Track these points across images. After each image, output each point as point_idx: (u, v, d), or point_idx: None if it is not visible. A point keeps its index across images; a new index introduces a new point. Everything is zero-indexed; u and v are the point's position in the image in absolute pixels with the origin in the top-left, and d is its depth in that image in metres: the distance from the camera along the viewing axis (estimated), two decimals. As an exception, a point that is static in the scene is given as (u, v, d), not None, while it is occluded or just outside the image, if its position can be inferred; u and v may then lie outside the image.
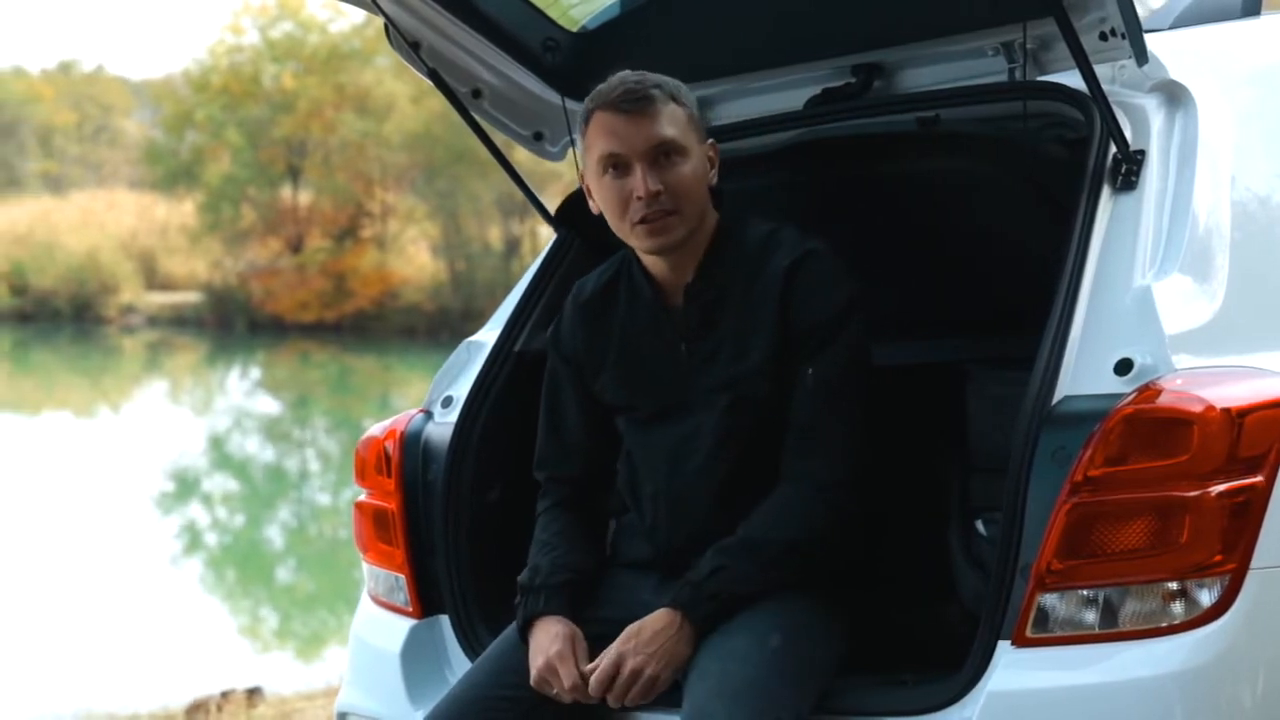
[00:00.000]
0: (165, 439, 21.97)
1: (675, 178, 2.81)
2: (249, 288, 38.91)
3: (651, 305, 2.92)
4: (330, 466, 21.79)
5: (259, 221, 40.05)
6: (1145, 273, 2.66)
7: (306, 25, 40.09)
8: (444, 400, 3.37)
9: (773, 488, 2.80)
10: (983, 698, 2.53)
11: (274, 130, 39.32)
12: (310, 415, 26.88)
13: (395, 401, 28.42)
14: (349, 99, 38.61)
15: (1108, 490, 2.49)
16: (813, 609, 2.76)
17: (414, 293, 37.27)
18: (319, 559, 15.28)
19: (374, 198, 39.23)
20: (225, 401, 29.10)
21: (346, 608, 12.87)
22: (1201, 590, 2.46)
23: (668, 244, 2.84)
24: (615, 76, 2.85)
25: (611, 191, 2.84)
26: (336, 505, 18.46)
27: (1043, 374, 2.60)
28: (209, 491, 19.22)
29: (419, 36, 3.37)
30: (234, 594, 13.81)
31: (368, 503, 3.36)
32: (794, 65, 3.28)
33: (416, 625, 3.20)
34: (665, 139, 2.80)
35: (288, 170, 40.09)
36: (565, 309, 3.06)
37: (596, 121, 2.84)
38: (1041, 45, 3.00)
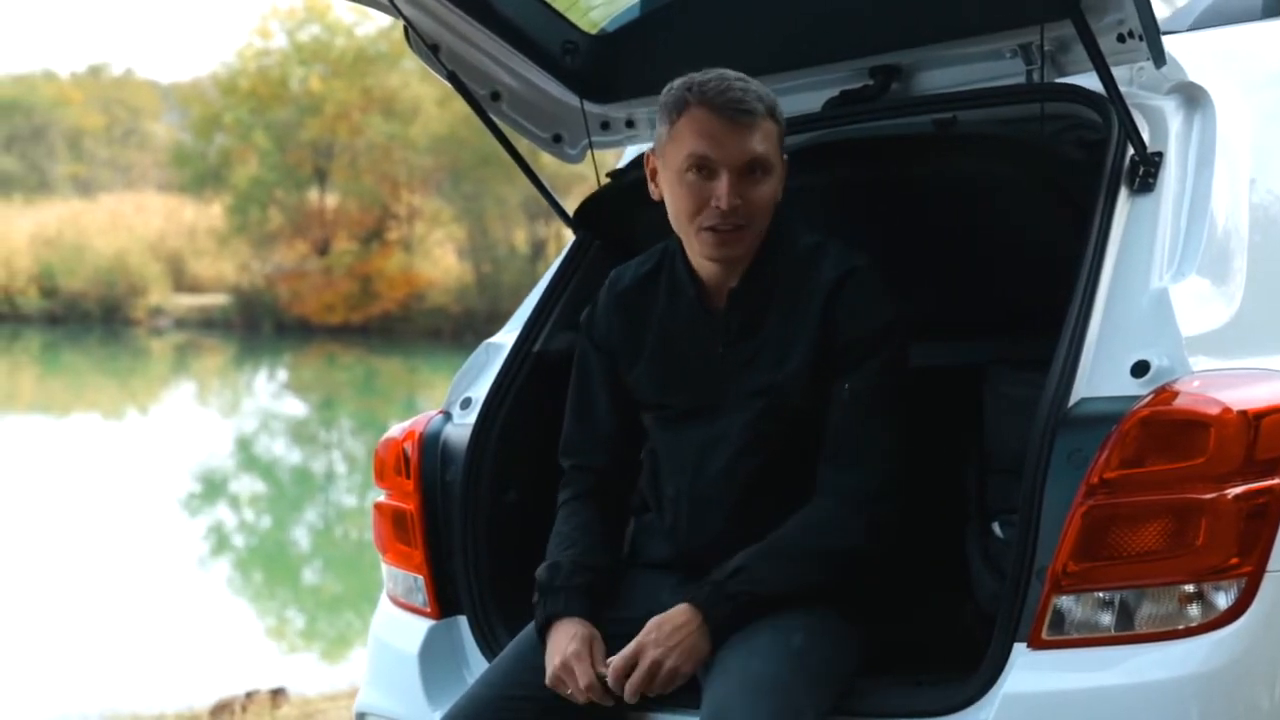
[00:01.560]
0: (192, 440, 22.02)
1: (756, 195, 2.79)
2: (276, 290, 38.98)
3: (693, 304, 2.91)
4: (356, 468, 21.79)
5: (286, 224, 40.10)
6: (1163, 275, 2.65)
7: (333, 28, 40.16)
8: (463, 401, 3.37)
9: (798, 496, 2.80)
10: (998, 700, 2.53)
11: (301, 133, 39.38)
12: (336, 417, 26.92)
13: (421, 403, 28.43)
14: (375, 102, 38.64)
15: (1124, 492, 2.48)
16: (835, 611, 2.76)
17: (440, 295, 37.26)
18: (344, 560, 15.28)
19: (400, 200, 39.26)
20: (252, 403, 29.17)
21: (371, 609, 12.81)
22: (1218, 593, 2.46)
23: (729, 256, 2.83)
24: (715, 73, 2.80)
25: (690, 191, 2.80)
26: (362, 507, 18.46)
27: (1059, 376, 2.59)
28: (236, 493, 19.25)
29: (438, 39, 3.38)
30: (260, 595, 13.84)
31: (387, 504, 3.37)
32: (812, 67, 3.27)
33: (435, 626, 3.21)
34: (759, 155, 2.78)
35: (315, 173, 40.15)
36: (600, 296, 3.04)
37: (693, 117, 2.79)
38: (1060, 47, 2.99)
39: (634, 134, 3.58)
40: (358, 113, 38.59)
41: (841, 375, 2.79)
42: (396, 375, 32.83)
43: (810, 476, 2.82)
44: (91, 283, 39.95)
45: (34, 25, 79.87)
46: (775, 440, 2.83)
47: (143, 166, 49.93)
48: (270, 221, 40.08)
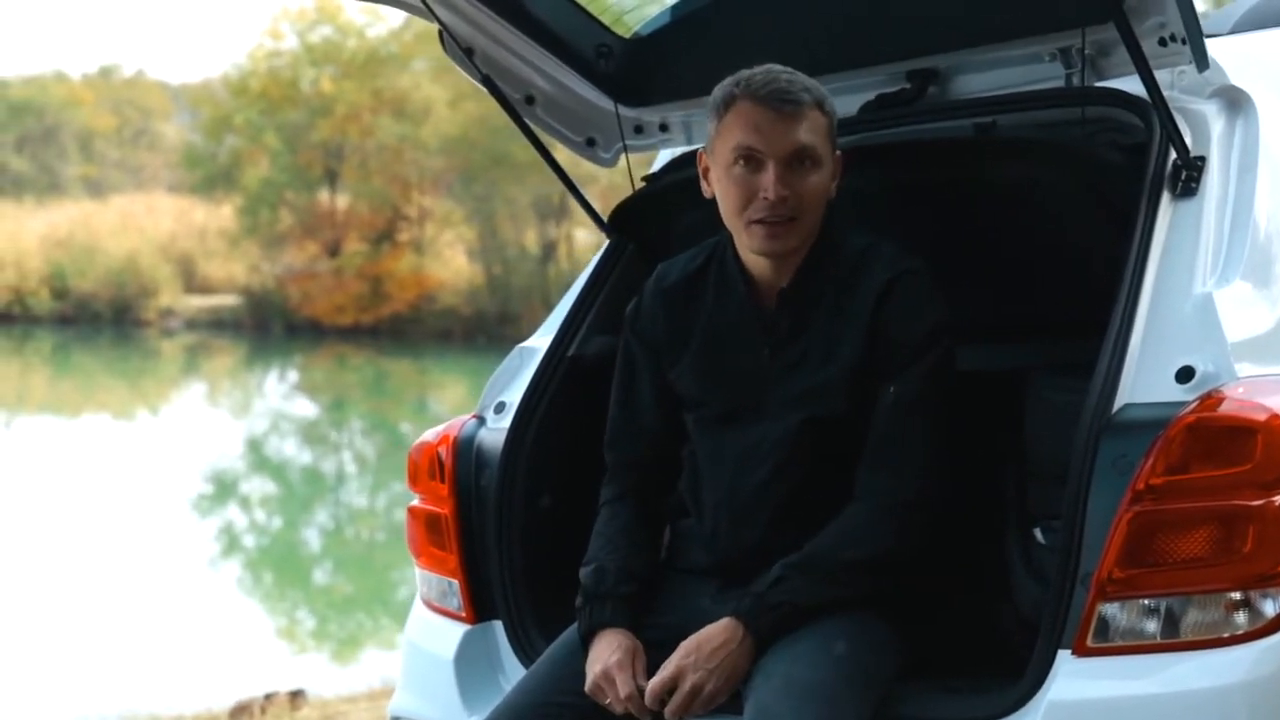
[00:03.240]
0: (203, 441, 22.05)
1: (805, 186, 2.78)
2: (286, 291, 39.00)
3: (743, 302, 2.89)
4: (367, 469, 21.84)
5: (296, 225, 40.12)
6: (1206, 280, 2.64)
7: (344, 30, 40.16)
8: (497, 406, 3.37)
9: (839, 505, 2.78)
10: (1043, 707, 2.52)
11: (312, 134, 39.39)
12: (347, 418, 26.94)
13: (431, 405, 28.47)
14: (386, 103, 38.65)
15: (1170, 499, 2.47)
16: (876, 617, 2.75)
17: (450, 296, 37.27)
18: (356, 561, 15.31)
19: (411, 201, 39.26)
20: (263, 404, 29.20)
21: (383, 610, 12.89)
22: (1265, 600, 2.44)
23: (780, 249, 2.81)
24: (762, 68, 2.80)
25: (738, 184, 2.80)
26: (373, 508, 18.51)
27: (1103, 382, 2.58)
28: (247, 494, 19.29)
29: (473, 43, 3.37)
30: (271, 596, 13.86)
31: (420, 508, 3.36)
32: (849, 71, 3.26)
33: (470, 630, 3.20)
34: (805, 145, 2.77)
35: (325, 174, 40.18)
36: (645, 291, 3.02)
37: (739, 110, 2.79)
38: (1099, 51, 2.98)
39: (667, 138, 3.57)
40: (368, 114, 38.61)
41: (886, 378, 2.77)
42: (407, 376, 32.84)
43: (851, 484, 2.80)
44: (102, 284, 40.00)
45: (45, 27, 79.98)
46: (817, 450, 2.82)
47: (153, 168, 50.00)
48: (281, 222, 40.11)
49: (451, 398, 29.45)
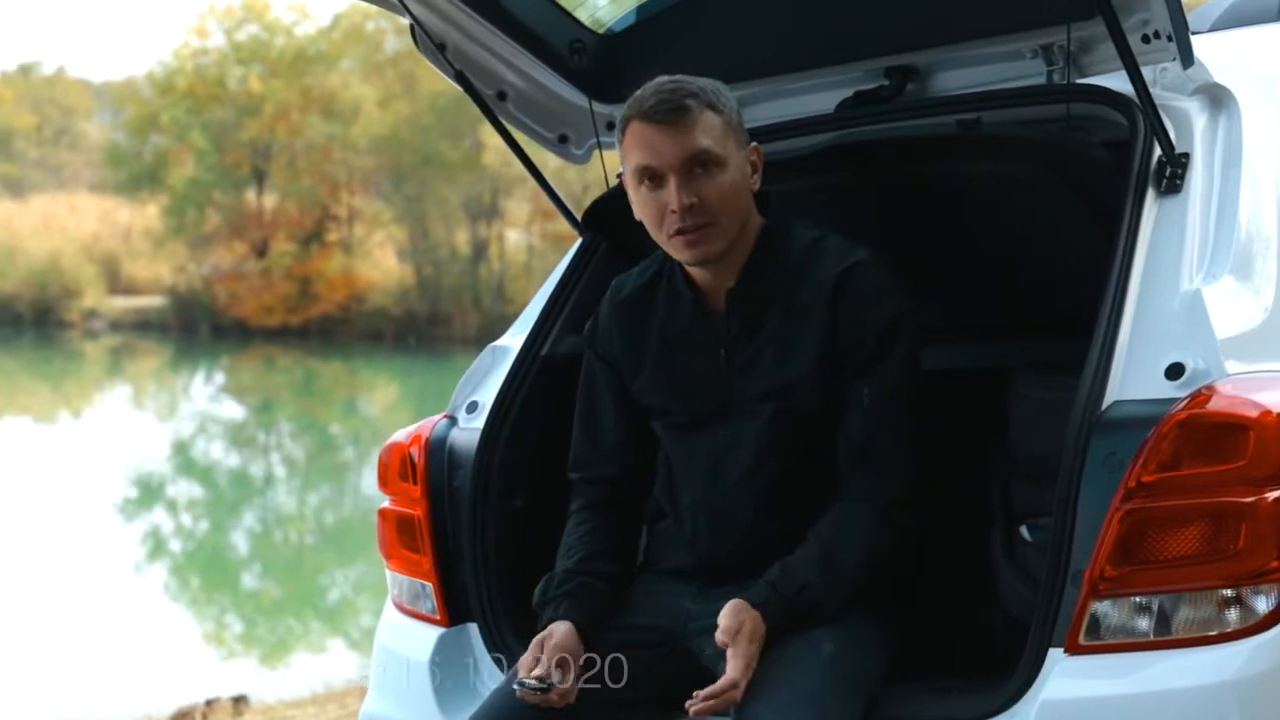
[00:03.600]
0: (128, 444, 21.83)
1: (711, 189, 2.75)
2: (213, 292, 38.76)
3: (692, 309, 2.88)
4: (296, 472, 21.69)
5: (223, 225, 39.89)
6: (1193, 277, 2.64)
7: (272, 28, 39.98)
8: (469, 405, 3.32)
9: (817, 499, 2.77)
10: (1036, 706, 2.50)
11: (239, 133, 39.19)
12: (275, 420, 26.78)
13: (362, 406, 28.35)
14: (315, 102, 38.53)
15: (1162, 496, 2.46)
16: (861, 618, 2.73)
17: (380, 297, 37.19)
18: (285, 565, 15.20)
19: (340, 201, 39.15)
20: (189, 406, 28.97)
21: (314, 614, 12.82)
22: (1258, 597, 2.44)
23: (705, 256, 2.79)
24: (651, 83, 2.78)
25: (647, 203, 2.79)
26: (302, 511, 18.38)
27: (1093, 378, 2.57)
28: (173, 497, 19.10)
29: (445, 38, 3.33)
30: (199, 601, 13.71)
31: (391, 509, 3.31)
32: (826, 67, 3.24)
33: (445, 633, 3.16)
34: (699, 150, 2.74)
35: (253, 173, 39.97)
36: (602, 307, 3.01)
37: (632, 132, 2.78)
38: (1081, 48, 2.97)
39: (640, 135, 3.53)
40: (297, 113, 38.47)
41: (857, 377, 2.75)
42: (337, 378, 32.71)
43: (827, 478, 2.79)
44: (23, 285, 39.58)
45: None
46: (789, 446, 2.80)
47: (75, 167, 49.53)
48: (207, 222, 39.86)
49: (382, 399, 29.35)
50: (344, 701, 7.41)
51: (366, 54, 39.37)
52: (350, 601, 13.41)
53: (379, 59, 39.26)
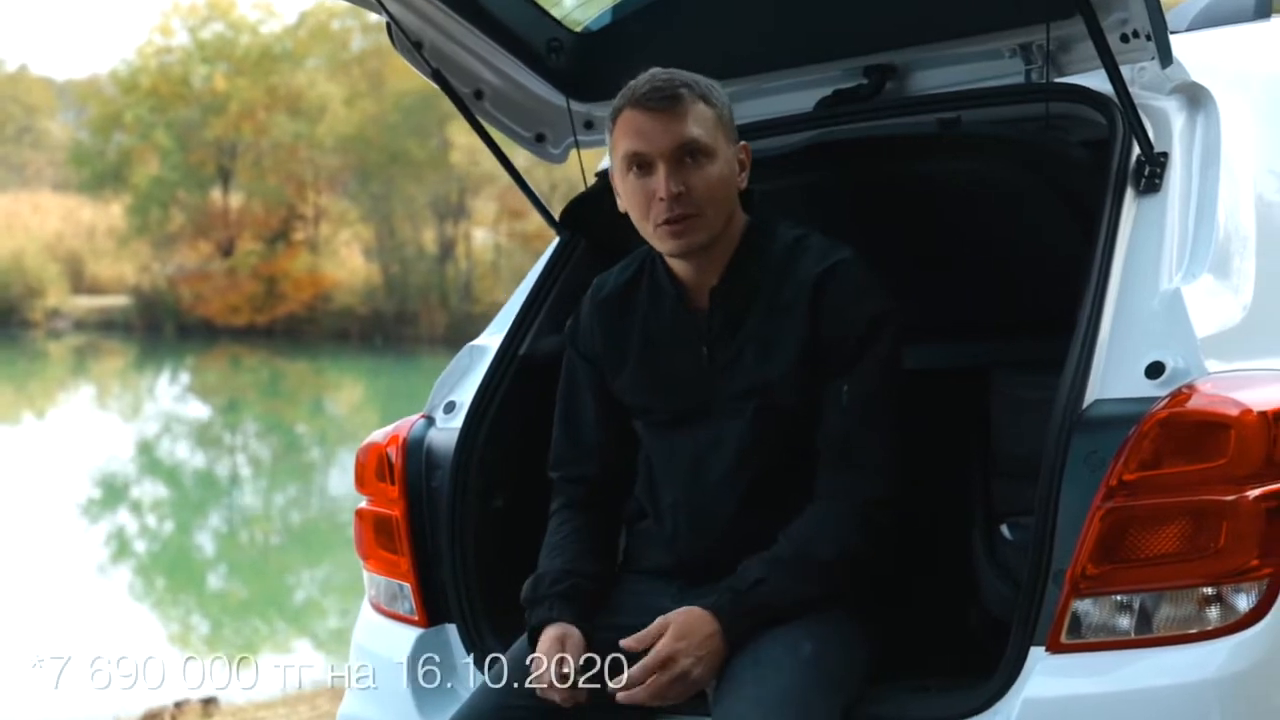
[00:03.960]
0: (92, 445, 21.71)
1: (699, 180, 2.75)
2: (178, 291, 38.60)
3: (674, 306, 2.87)
4: (261, 472, 21.61)
5: (188, 224, 39.74)
6: (1173, 275, 2.64)
7: (237, 26, 39.84)
8: (446, 405, 3.32)
9: (798, 498, 2.76)
10: (1018, 704, 2.51)
11: (204, 132, 39.04)
12: (241, 420, 26.68)
13: (328, 406, 28.27)
14: (281, 101, 38.41)
15: (1144, 495, 2.46)
16: (842, 617, 2.73)
17: (347, 296, 37.10)
18: (251, 566, 15.13)
19: (306, 200, 39.05)
20: (154, 407, 28.85)
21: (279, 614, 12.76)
22: (1239, 595, 2.44)
23: (689, 247, 2.79)
24: (645, 73, 2.79)
25: (635, 191, 2.79)
26: (268, 511, 18.31)
27: (1073, 377, 2.57)
28: (138, 498, 19.00)
29: (422, 36, 3.32)
30: (164, 602, 13.64)
31: (369, 510, 3.31)
32: (805, 66, 3.24)
33: (423, 634, 3.15)
34: (690, 139, 2.74)
35: (218, 172, 39.83)
36: (583, 305, 3.01)
37: (623, 119, 2.79)
38: (1060, 47, 2.98)
39: (618, 133, 3.52)
40: (262, 112, 38.35)
41: (837, 375, 2.75)
42: (303, 377, 32.61)
43: (808, 478, 2.78)
44: (-14, 284, 39.30)
45: (-77, 21, 78.29)
46: (770, 445, 2.80)
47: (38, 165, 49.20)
48: (172, 222, 39.70)
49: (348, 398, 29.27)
50: (314, 703, 7.38)
51: (333, 52, 39.30)
52: (317, 602, 13.38)
53: (345, 57, 39.21)
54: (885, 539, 2.75)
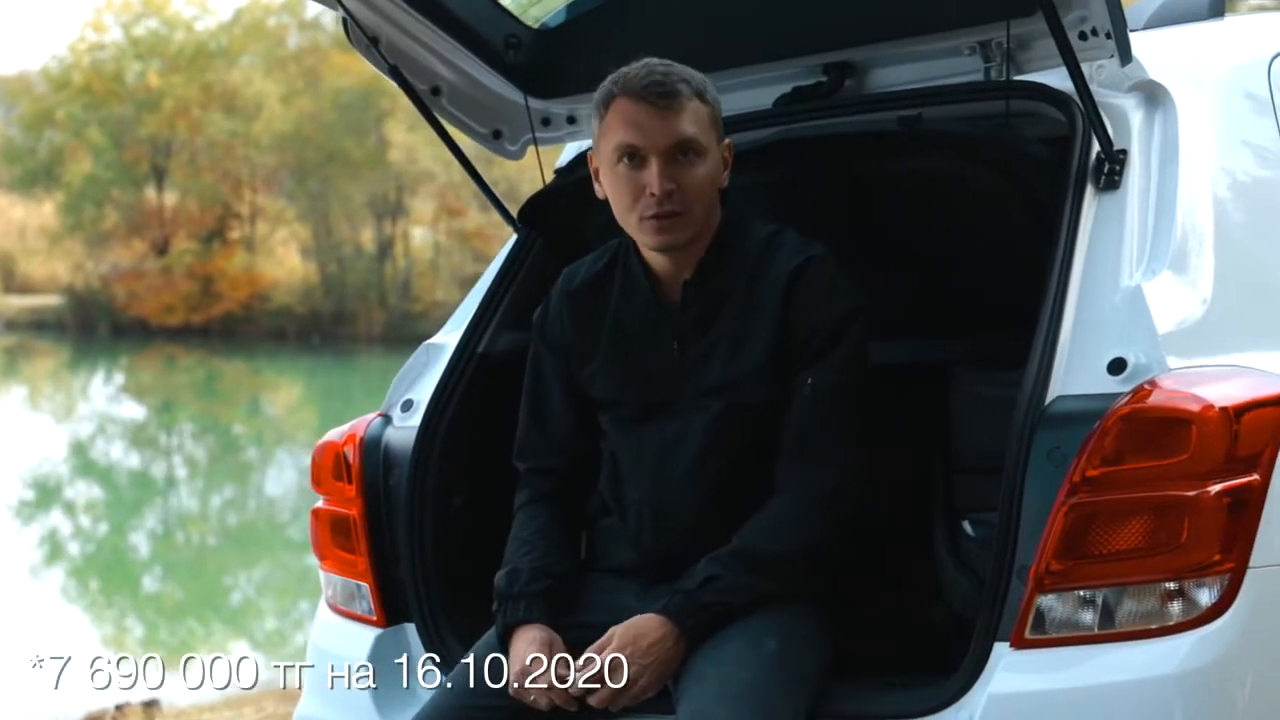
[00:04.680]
0: (24, 446, 21.49)
1: (690, 178, 2.76)
2: (112, 290, 38.28)
3: (647, 300, 2.87)
4: (198, 472, 21.46)
5: (122, 223, 39.41)
6: (1133, 272, 2.66)
7: (171, 23, 39.53)
8: (404, 404, 3.30)
9: (763, 496, 2.76)
10: (983, 700, 2.51)
11: (138, 129, 38.74)
12: (176, 420, 26.49)
13: (265, 405, 28.10)
14: (216, 98, 38.16)
15: (1107, 490, 2.48)
16: (805, 613, 2.73)
17: (284, 295, 36.91)
18: (187, 567, 15.03)
19: (242, 199, 38.83)
20: (88, 407, 28.60)
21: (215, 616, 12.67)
22: (1201, 590, 2.46)
23: (673, 243, 2.79)
24: (639, 64, 2.78)
25: (624, 182, 2.78)
26: (205, 512, 18.18)
27: (1036, 373, 2.59)
28: (71, 499, 18.82)
29: (379, 32, 3.29)
30: (98, 604, 13.52)
31: (325, 509, 3.29)
32: (764, 63, 3.24)
33: (382, 634, 3.14)
34: (686, 137, 2.75)
35: (152, 170, 39.51)
36: (552, 295, 2.99)
37: (618, 108, 2.77)
38: (1019, 45, 2.99)
39: (575, 130, 3.52)
40: (197, 109, 38.08)
41: (803, 368, 2.75)
42: (239, 377, 32.42)
43: (773, 476, 2.78)
44: (-84, 284, 38.82)
45: None
46: (737, 442, 2.79)
47: (-32, 163, 48.60)
48: (106, 220, 39.37)
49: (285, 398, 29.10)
50: (260, 704, 7.33)
51: (269, 49, 39.05)
52: (254, 603, 13.30)
53: (281, 54, 38.96)
54: (844, 533, 2.74)
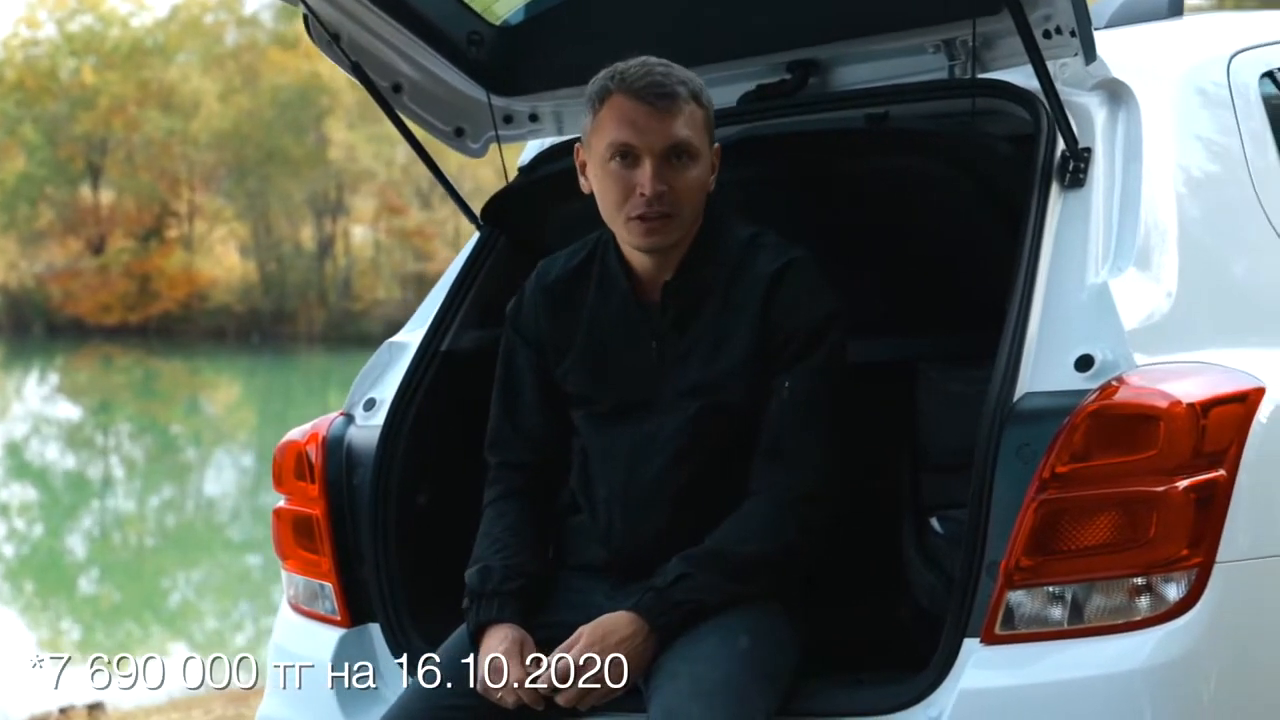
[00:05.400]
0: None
1: (683, 181, 2.75)
2: (47, 290, 37.97)
3: (626, 297, 2.86)
4: (135, 473, 21.28)
5: (57, 221, 39.06)
6: (1099, 270, 2.68)
7: (106, 19, 39.21)
8: (366, 403, 3.28)
9: (736, 497, 2.76)
10: (954, 696, 2.52)
11: (73, 127, 38.42)
12: (113, 421, 26.26)
13: (204, 405, 27.91)
14: (152, 96, 37.86)
15: (1076, 486, 2.49)
16: (775, 611, 2.73)
17: (223, 294, 36.71)
18: (124, 568, 14.89)
19: (180, 197, 38.57)
20: (22, 408, 28.30)
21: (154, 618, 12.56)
22: (1169, 585, 2.48)
23: (660, 245, 2.78)
24: (636, 61, 2.77)
25: (615, 180, 2.77)
26: (143, 513, 18.03)
27: (1004, 371, 2.60)
28: (5, 501, 18.61)
29: (340, 29, 3.27)
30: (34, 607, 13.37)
31: (287, 509, 3.27)
32: (727, 61, 3.24)
33: (346, 634, 3.12)
34: (682, 140, 2.74)
35: (88, 168, 39.16)
36: (526, 288, 2.97)
37: (615, 105, 2.76)
38: (983, 43, 2.99)
39: (538, 128, 3.50)
40: (134, 106, 37.76)
41: (782, 371, 2.76)
42: (177, 377, 32.20)
43: (747, 477, 2.78)
44: None
45: None
46: (712, 443, 2.79)
47: (-103, 161, 48.02)
48: (40, 218, 38.99)
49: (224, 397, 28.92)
50: (209, 706, 7.27)
51: (206, 47, 38.78)
52: (193, 605, 13.20)
53: (219, 52, 38.70)
54: (818, 536, 2.75)
